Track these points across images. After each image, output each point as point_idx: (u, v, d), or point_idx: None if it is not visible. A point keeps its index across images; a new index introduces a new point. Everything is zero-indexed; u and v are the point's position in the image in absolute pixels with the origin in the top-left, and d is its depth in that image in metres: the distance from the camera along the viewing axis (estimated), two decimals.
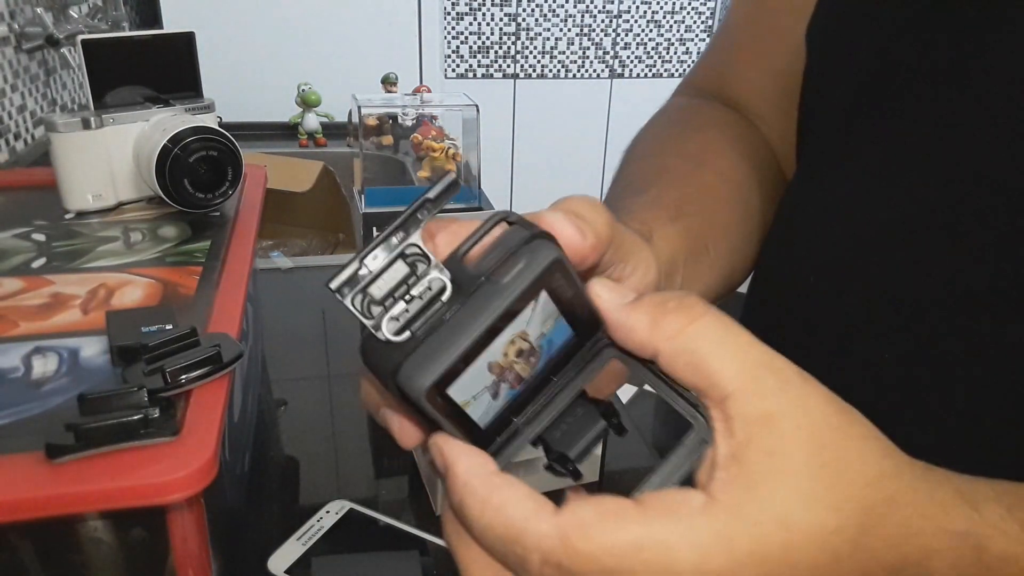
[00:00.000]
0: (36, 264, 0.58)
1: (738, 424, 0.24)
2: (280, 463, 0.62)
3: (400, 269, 0.25)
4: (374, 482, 0.59)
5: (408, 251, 0.25)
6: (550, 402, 0.27)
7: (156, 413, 0.37)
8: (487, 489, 0.24)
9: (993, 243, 0.36)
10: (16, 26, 1.17)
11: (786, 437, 0.23)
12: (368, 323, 0.24)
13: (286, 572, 0.47)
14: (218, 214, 0.68)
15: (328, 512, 0.52)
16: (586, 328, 0.27)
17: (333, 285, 0.24)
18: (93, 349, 0.46)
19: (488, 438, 0.26)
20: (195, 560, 0.42)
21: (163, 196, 0.66)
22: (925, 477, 0.26)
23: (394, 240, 0.25)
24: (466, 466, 0.25)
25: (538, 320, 0.25)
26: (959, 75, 0.37)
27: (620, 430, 0.28)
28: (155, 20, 1.82)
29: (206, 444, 0.37)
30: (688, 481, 0.25)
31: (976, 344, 0.37)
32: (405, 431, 0.28)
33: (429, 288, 0.24)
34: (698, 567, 0.22)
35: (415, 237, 0.25)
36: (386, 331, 0.24)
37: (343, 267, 0.24)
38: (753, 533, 0.23)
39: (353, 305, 0.24)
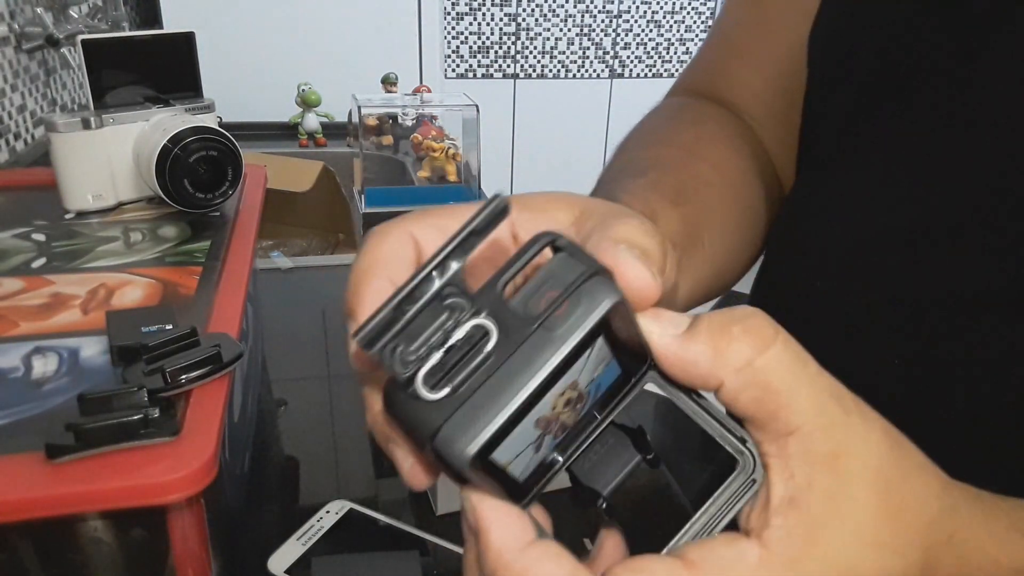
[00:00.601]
0: (36, 264, 0.58)
1: (798, 463, 0.22)
2: (280, 463, 0.62)
3: (437, 313, 0.21)
4: (374, 482, 0.59)
5: (446, 291, 0.21)
6: (586, 436, 0.25)
7: (156, 413, 0.37)
8: (524, 562, 0.22)
9: (996, 246, 0.36)
10: (16, 26, 1.17)
11: (851, 479, 0.22)
12: (401, 377, 0.21)
13: (286, 572, 0.47)
14: (218, 214, 0.68)
15: (328, 512, 0.52)
16: (635, 364, 0.24)
17: (361, 337, 0.21)
18: (93, 349, 0.46)
19: (527, 489, 0.24)
20: (195, 560, 0.42)
21: (163, 196, 0.66)
22: (979, 508, 0.25)
23: (432, 277, 0.21)
24: (500, 536, 0.22)
25: (591, 367, 0.22)
26: (962, 77, 0.37)
27: (654, 463, 0.26)
28: (155, 20, 1.82)
29: (206, 444, 0.37)
30: (732, 523, 0.23)
31: (978, 346, 0.37)
32: (417, 475, 0.26)
33: (471, 336, 0.21)
34: None
35: (455, 275, 0.21)
36: (422, 388, 0.21)
37: (374, 316, 0.21)
38: None
39: (384, 357, 0.21)
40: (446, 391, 0.21)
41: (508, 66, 2.24)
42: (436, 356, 0.21)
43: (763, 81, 0.52)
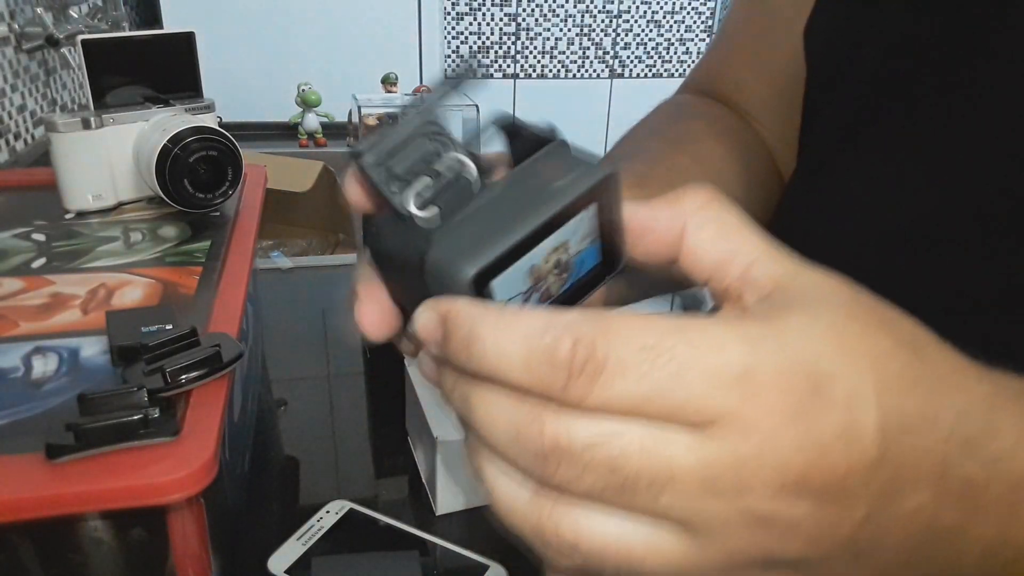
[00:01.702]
0: (36, 264, 0.58)
1: (765, 279, 0.23)
2: (280, 463, 0.62)
3: (423, 145, 0.23)
4: (374, 482, 0.59)
5: (430, 130, 0.23)
6: None
7: (156, 413, 0.37)
8: (502, 312, 0.21)
9: (996, 247, 0.36)
10: (16, 26, 1.17)
11: (819, 285, 0.23)
12: (391, 198, 0.22)
13: (286, 572, 0.47)
14: (218, 214, 0.68)
15: (328, 512, 0.52)
16: (611, 261, 0.26)
17: (361, 148, 0.22)
18: (93, 349, 0.46)
19: None
20: (195, 560, 0.42)
21: (163, 196, 0.66)
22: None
23: (415, 118, 0.23)
24: (470, 304, 0.21)
25: (580, 234, 0.24)
26: (963, 76, 0.37)
27: None
28: (155, 20, 1.82)
29: (206, 444, 0.37)
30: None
31: (977, 348, 0.37)
32: (379, 319, 0.26)
33: (456, 167, 0.22)
34: (747, 354, 0.20)
35: (437, 116, 0.23)
36: (411, 204, 0.22)
37: (367, 137, 0.23)
38: (803, 335, 0.21)
39: (375, 175, 0.22)
40: (434, 211, 0.22)
41: (508, 66, 2.24)
42: (424, 181, 0.22)
43: (764, 81, 0.53)
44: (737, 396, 0.20)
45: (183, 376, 0.40)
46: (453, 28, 2.15)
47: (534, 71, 2.26)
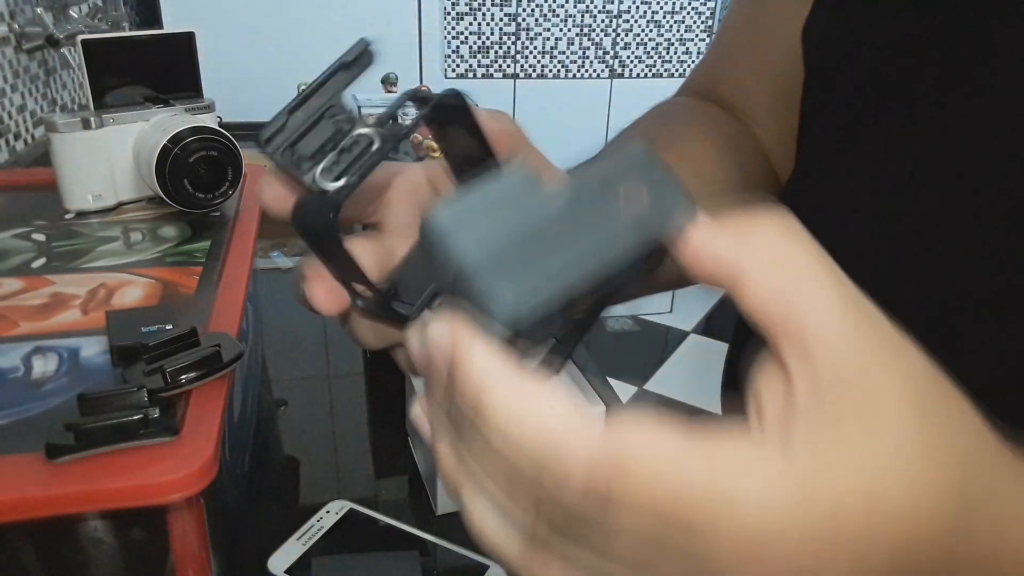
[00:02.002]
0: (36, 264, 0.58)
1: (824, 368, 0.19)
2: (280, 463, 0.62)
3: (327, 127, 0.24)
4: (374, 482, 0.59)
5: (331, 114, 0.24)
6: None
7: (156, 413, 0.37)
8: (516, 390, 0.19)
9: (996, 247, 0.36)
10: (16, 26, 1.17)
11: (882, 392, 0.19)
12: (302, 177, 0.23)
13: (286, 572, 0.47)
14: (218, 214, 0.68)
15: (328, 512, 0.52)
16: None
17: (266, 135, 0.24)
18: (93, 349, 0.46)
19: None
20: (195, 560, 0.42)
21: (163, 196, 0.66)
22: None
23: (316, 103, 0.24)
24: (484, 355, 0.20)
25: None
26: (962, 76, 0.37)
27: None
28: (155, 20, 1.82)
29: (206, 444, 0.37)
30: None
31: (972, 348, 0.37)
32: (327, 295, 0.27)
33: (363, 140, 0.24)
34: (767, 534, 0.19)
35: (337, 98, 0.24)
36: (319, 180, 0.23)
37: (269, 122, 0.24)
38: (837, 491, 0.19)
39: (281, 159, 0.23)
40: (342, 182, 0.23)
41: (508, 66, 2.24)
42: (330, 157, 0.23)
43: (762, 82, 0.53)
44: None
45: (183, 376, 0.40)
46: (453, 28, 2.15)
47: (534, 71, 2.26)
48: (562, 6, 2.21)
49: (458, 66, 2.20)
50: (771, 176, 0.53)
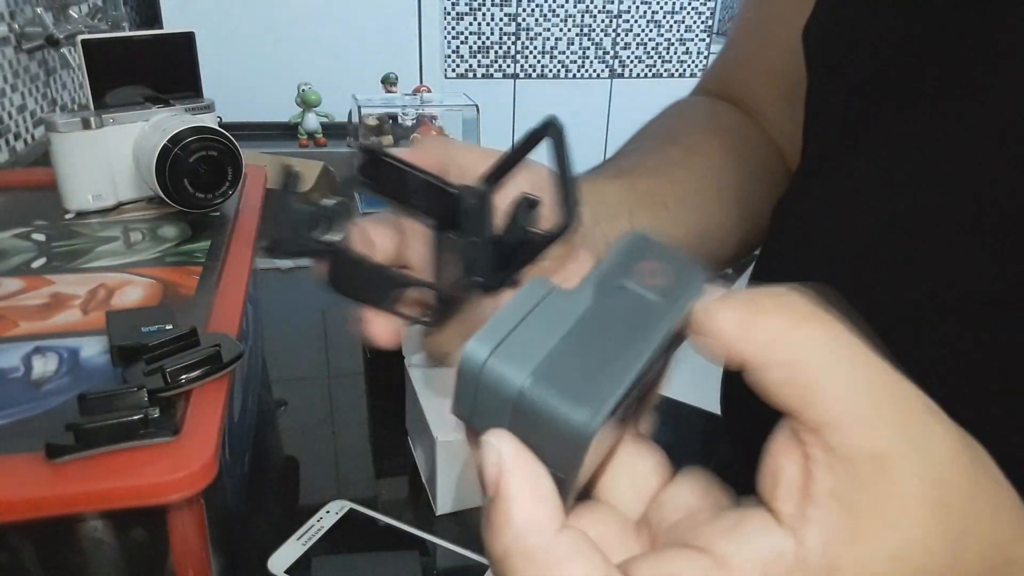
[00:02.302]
0: (36, 264, 0.58)
1: (841, 457, 0.19)
2: (280, 463, 0.62)
3: (302, 214, 0.30)
4: (374, 482, 0.59)
5: (299, 205, 0.30)
6: None
7: (156, 413, 0.37)
8: (552, 555, 0.19)
9: (997, 246, 0.36)
10: (16, 26, 1.17)
11: (902, 483, 0.19)
12: (311, 244, 0.29)
13: (286, 572, 0.47)
14: (218, 214, 0.68)
15: (328, 512, 0.52)
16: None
17: (269, 244, 0.29)
18: (93, 349, 0.46)
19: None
20: (195, 560, 0.42)
21: (163, 196, 0.66)
22: None
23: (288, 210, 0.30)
24: (527, 514, 0.20)
25: None
26: (961, 75, 0.37)
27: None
28: (155, 20, 1.82)
29: (206, 444, 0.37)
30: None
31: (970, 349, 0.37)
32: (386, 332, 0.31)
33: (335, 205, 0.31)
34: None
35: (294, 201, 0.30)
36: (321, 236, 0.29)
37: (276, 236, 0.29)
38: None
39: (294, 248, 0.30)
40: (337, 234, 0.29)
41: (508, 66, 2.24)
42: (323, 224, 0.29)
43: (767, 84, 0.54)
44: None
45: (183, 376, 0.40)
46: (453, 28, 2.15)
47: (534, 71, 2.26)
48: (562, 6, 2.21)
49: (458, 66, 2.20)
50: (782, 171, 0.54)
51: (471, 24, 2.16)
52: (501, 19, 2.18)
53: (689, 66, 2.36)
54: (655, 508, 0.23)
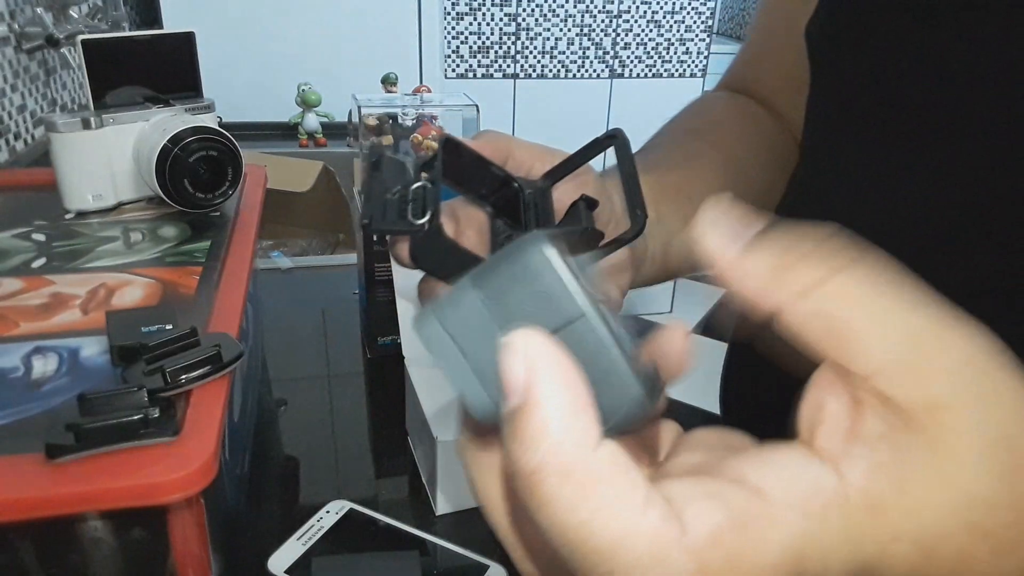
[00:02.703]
0: (36, 264, 0.58)
1: (891, 405, 0.18)
2: (280, 463, 0.62)
3: (398, 194, 0.31)
4: (374, 482, 0.59)
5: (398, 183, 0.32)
6: None
7: (156, 413, 0.37)
8: (587, 474, 0.17)
9: (994, 240, 0.36)
10: (16, 26, 1.17)
11: (957, 438, 0.18)
12: (403, 227, 0.30)
13: (286, 572, 0.47)
14: (218, 214, 0.68)
15: (328, 512, 0.52)
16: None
17: (364, 220, 0.30)
18: (93, 349, 0.46)
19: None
20: (195, 560, 0.42)
21: (163, 196, 0.66)
22: None
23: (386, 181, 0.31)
24: (566, 425, 0.17)
25: None
26: (958, 74, 0.37)
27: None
28: (155, 20, 1.82)
29: (206, 444, 0.37)
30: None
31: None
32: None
33: (419, 191, 0.31)
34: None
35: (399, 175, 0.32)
36: (413, 219, 0.30)
37: (364, 209, 0.31)
38: (887, 552, 0.18)
39: (385, 225, 0.30)
40: (428, 215, 0.29)
41: (508, 66, 2.24)
42: (411, 206, 0.30)
43: (780, 80, 0.56)
44: None
45: (183, 376, 0.40)
46: (453, 28, 2.15)
47: (534, 71, 2.26)
48: (562, 6, 2.21)
49: (458, 66, 2.19)
50: (796, 159, 0.56)
51: (471, 24, 2.16)
52: (501, 19, 2.18)
53: (689, 66, 2.36)
54: (674, 454, 0.22)
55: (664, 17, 2.30)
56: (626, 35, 2.29)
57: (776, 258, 0.19)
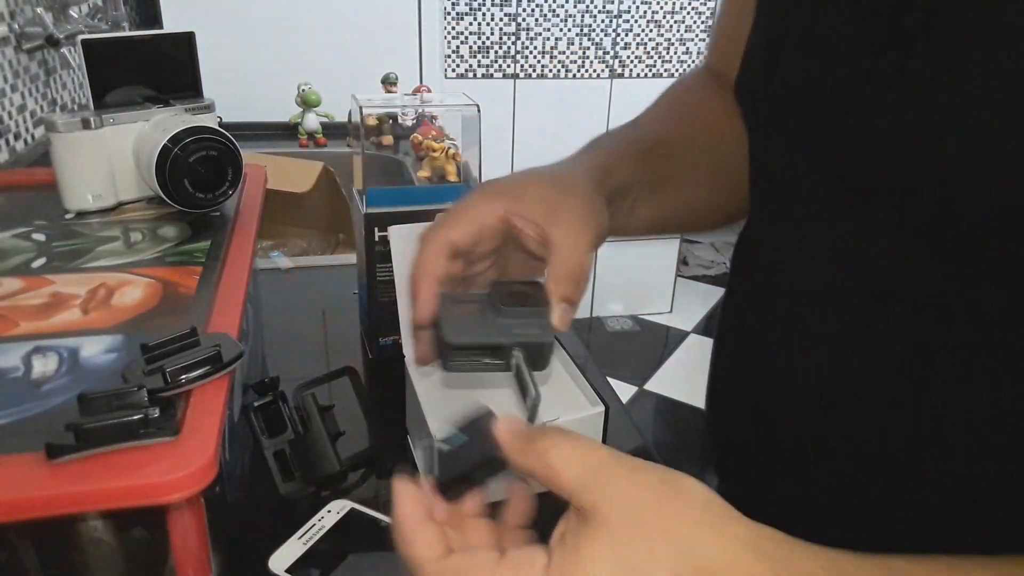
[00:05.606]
0: (36, 264, 0.58)
1: (572, 509, 0.31)
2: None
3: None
4: (374, 482, 0.59)
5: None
6: None
7: (156, 413, 0.37)
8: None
9: (940, 254, 0.36)
10: (16, 26, 1.17)
11: (606, 520, 0.29)
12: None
13: (286, 571, 0.47)
14: (218, 214, 0.68)
15: (328, 512, 0.52)
16: None
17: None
18: (93, 349, 0.46)
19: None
20: (195, 560, 0.42)
21: (163, 196, 0.66)
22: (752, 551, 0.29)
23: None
24: (407, 503, 0.34)
25: None
26: (900, 87, 0.36)
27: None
28: (155, 20, 1.82)
29: (206, 444, 0.37)
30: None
31: (924, 345, 0.38)
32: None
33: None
34: None
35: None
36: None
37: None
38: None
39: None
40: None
41: (508, 66, 2.24)
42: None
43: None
44: None
45: (183, 376, 0.40)
46: (453, 28, 2.15)
47: (534, 71, 2.26)
48: (562, 6, 2.21)
49: (458, 66, 2.20)
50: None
51: (471, 24, 2.16)
52: (501, 19, 2.18)
53: (689, 66, 2.36)
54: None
55: (664, 17, 2.30)
56: (626, 35, 2.29)
57: (525, 447, 0.33)
